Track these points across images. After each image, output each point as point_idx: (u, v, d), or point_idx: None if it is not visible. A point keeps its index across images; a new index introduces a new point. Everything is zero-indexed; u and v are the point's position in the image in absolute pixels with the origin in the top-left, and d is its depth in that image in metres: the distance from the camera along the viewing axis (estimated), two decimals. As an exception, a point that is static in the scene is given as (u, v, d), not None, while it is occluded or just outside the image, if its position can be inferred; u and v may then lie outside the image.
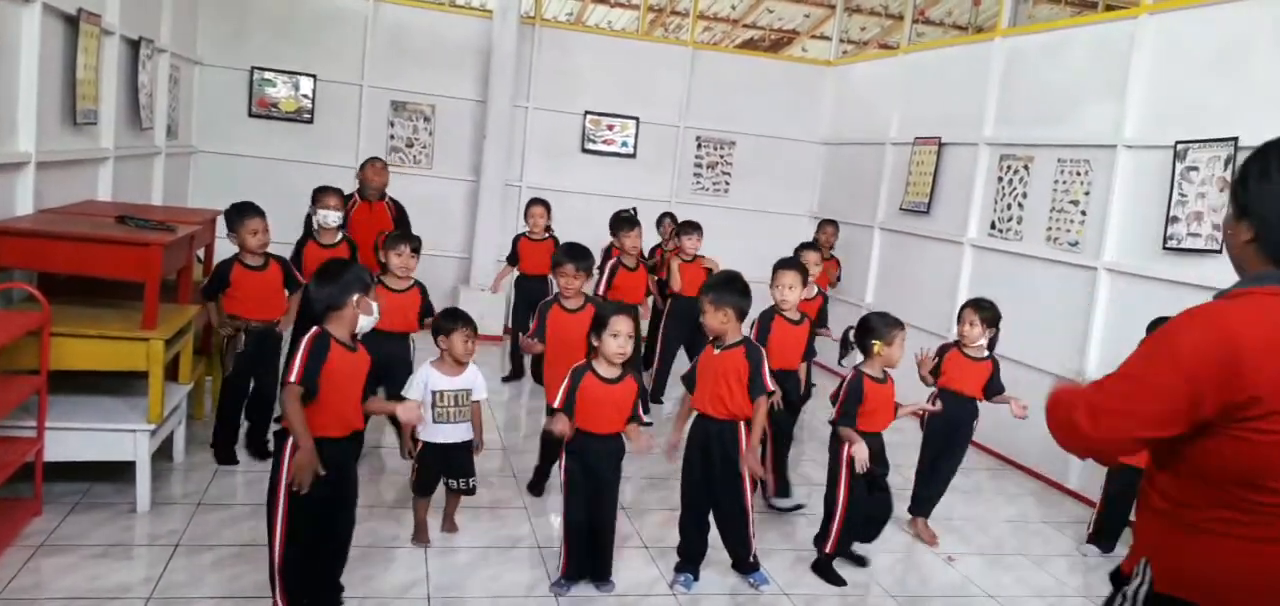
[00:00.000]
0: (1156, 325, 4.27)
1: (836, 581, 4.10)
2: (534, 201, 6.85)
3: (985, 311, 4.58)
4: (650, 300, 6.51)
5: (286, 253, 5.09)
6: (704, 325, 3.92)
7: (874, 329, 4.10)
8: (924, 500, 4.74)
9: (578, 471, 3.66)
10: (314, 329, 3.07)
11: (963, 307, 4.69)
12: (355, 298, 3.09)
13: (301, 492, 2.94)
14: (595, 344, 3.66)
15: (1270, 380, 1.59)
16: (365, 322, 3.15)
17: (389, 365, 4.26)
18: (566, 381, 3.64)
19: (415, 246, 4.73)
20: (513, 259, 6.77)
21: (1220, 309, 1.69)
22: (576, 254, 4.56)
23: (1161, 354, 1.70)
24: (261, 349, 4.65)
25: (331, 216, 5.30)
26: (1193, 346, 1.64)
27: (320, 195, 5.40)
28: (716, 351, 3.86)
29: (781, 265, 4.76)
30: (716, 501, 3.93)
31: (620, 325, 3.60)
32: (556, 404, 3.65)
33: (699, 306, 3.94)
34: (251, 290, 4.59)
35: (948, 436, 4.65)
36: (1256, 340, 1.61)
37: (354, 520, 3.31)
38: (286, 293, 4.78)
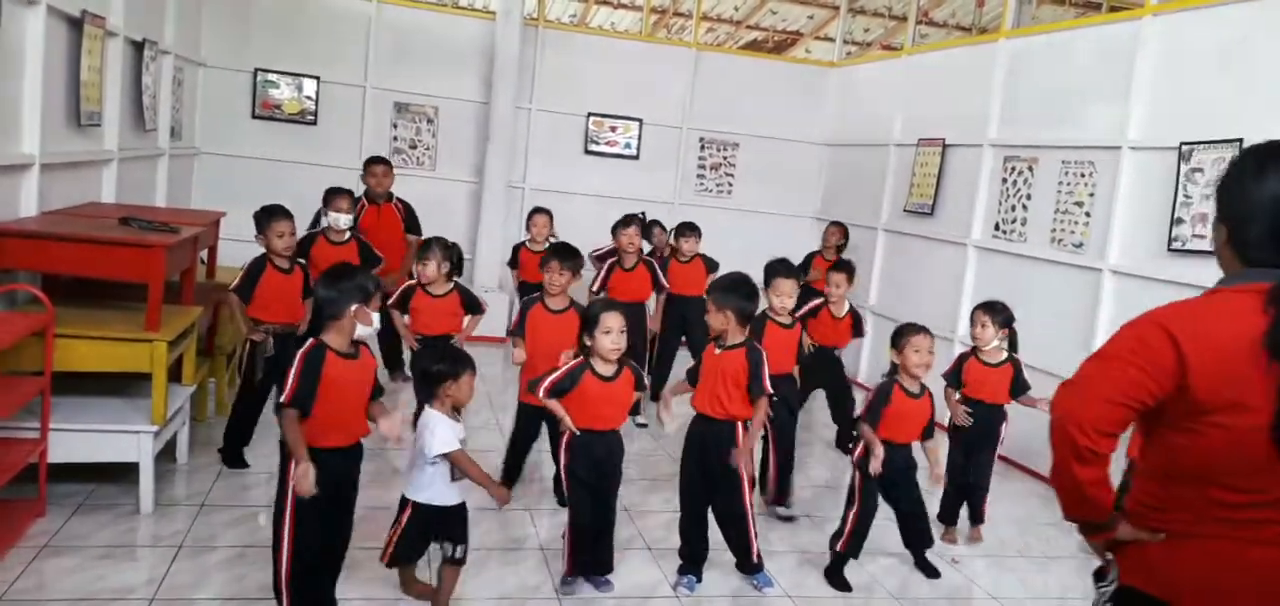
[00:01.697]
0: None
1: (842, 586, 4.08)
2: (538, 210, 6.83)
3: (997, 313, 4.54)
4: (657, 298, 6.45)
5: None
6: (707, 322, 3.93)
7: (895, 336, 4.15)
8: (951, 510, 4.72)
9: (583, 469, 3.66)
10: (309, 342, 3.04)
11: (973, 310, 4.65)
12: (353, 308, 3.04)
13: (305, 498, 2.93)
14: (588, 343, 3.63)
15: (1209, 375, 1.67)
16: (362, 332, 3.09)
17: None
18: (560, 375, 3.64)
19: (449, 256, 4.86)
20: (513, 263, 6.85)
21: (1176, 306, 1.77)
22: (566, 253, 4.63)
23: (1125, 334, 1.79)
24: (285, 352, 4.64)
25: (342, 219, 5.47)
26: (1151, 329, 1.73)
27: (331, 197, 5.58)
28: (718, 351, 3.85)
29: (777, 272, 4.72)
30: (715, 503, 3.93)
31: (612, 321, 3.58)
32: (543, 391, 3.62)
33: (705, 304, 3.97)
34: (276, 294, 4.61)
35: (972, 444, 4.61)
36: (1204, 335, 1.69)
37: (351, 528, 3.27)
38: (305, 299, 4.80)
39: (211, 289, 5.28)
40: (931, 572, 4.29)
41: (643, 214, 7.03)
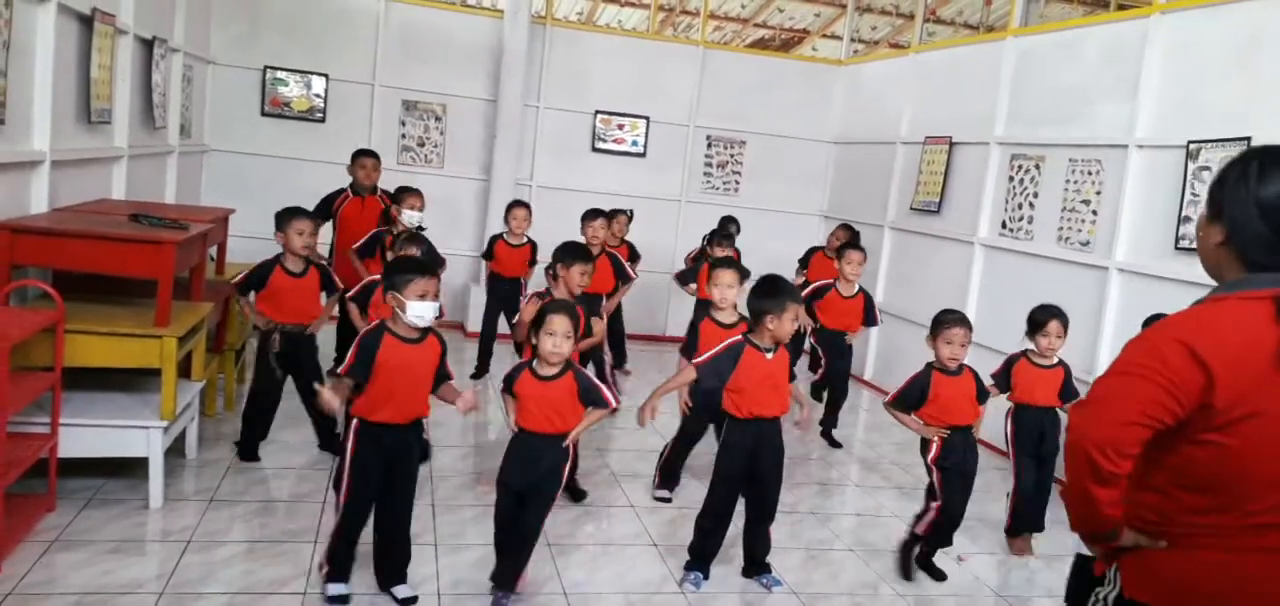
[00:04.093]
0: (1153, 320, 4.28)
1: (907, 569, 4.22)
2: (517, 203, 6.72)
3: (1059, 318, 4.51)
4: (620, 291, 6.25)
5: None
6: (772, 333, 3.81)
7: (933, 325, 4.25)
8: (1027, 517, 4.63)
9: (510, 468, 3.52)
10: (375, 323, 3.42)
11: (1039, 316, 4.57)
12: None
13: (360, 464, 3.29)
14: (534, 340, 3.51)
15: (1234, 389, 1.63)
16: (418, 312, 3.28)
17: None
18: (512, 367, 3.60)
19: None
20: (488, 255, 6.75)
21: (1189, 320, 1.72)
22: (584, 254, 4.68)
23: (1146, 349, 1.73)
24: (297, 351, 4.72)
25: (414, 216, 5.74)
26: (1171, 347, 1.68)
27: (404, 195, 5.86)
28: (769, 356, 3.84)
29: (716, 264, 4.96)
30: (762, 500, 3.95)
31: (557, 324, 3.41)
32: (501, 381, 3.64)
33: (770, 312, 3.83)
34: (286, 294, 4.66)
35: (1033, 447, 4.57)
36: (1226, 348, 1.65)
37: (410, 504, 3.48)
38: (323, 296, 4.86)
39: (221, 285, 5.31)
40: (938, 575, 4.27)
41: (631, 212, 7.05)
